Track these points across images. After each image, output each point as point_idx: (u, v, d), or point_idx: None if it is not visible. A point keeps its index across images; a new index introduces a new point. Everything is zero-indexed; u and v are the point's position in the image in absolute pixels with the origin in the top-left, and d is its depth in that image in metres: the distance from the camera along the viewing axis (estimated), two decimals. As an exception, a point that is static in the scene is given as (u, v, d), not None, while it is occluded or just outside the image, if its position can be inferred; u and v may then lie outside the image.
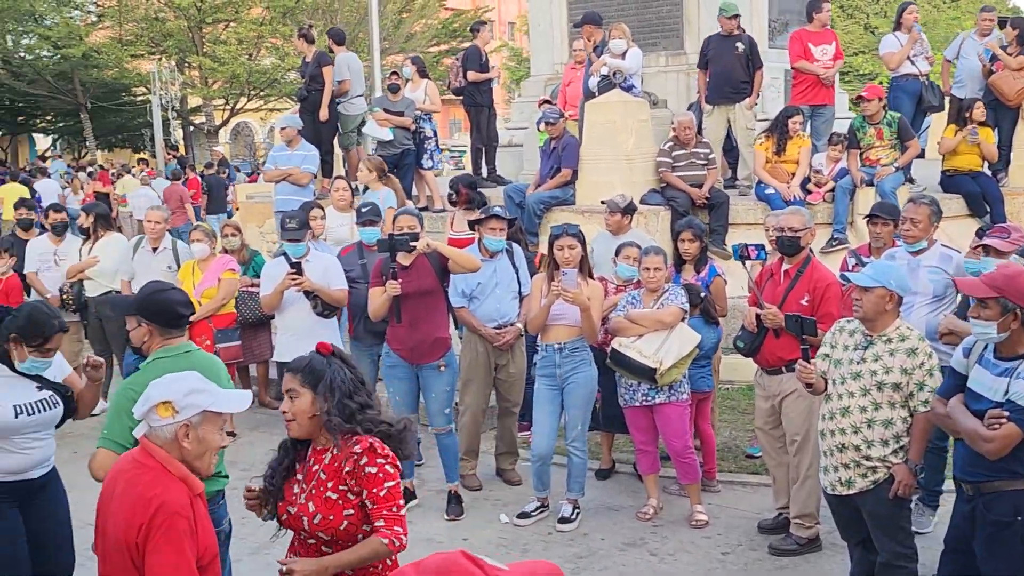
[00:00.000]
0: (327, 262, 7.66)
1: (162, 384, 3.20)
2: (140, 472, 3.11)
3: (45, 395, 4.54)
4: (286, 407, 3.47)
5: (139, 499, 3.05)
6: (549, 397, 6.44)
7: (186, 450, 3.15)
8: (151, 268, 8.63)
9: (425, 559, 1.96)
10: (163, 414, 3.13)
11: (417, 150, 11.43)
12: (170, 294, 4.31)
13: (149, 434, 3.16)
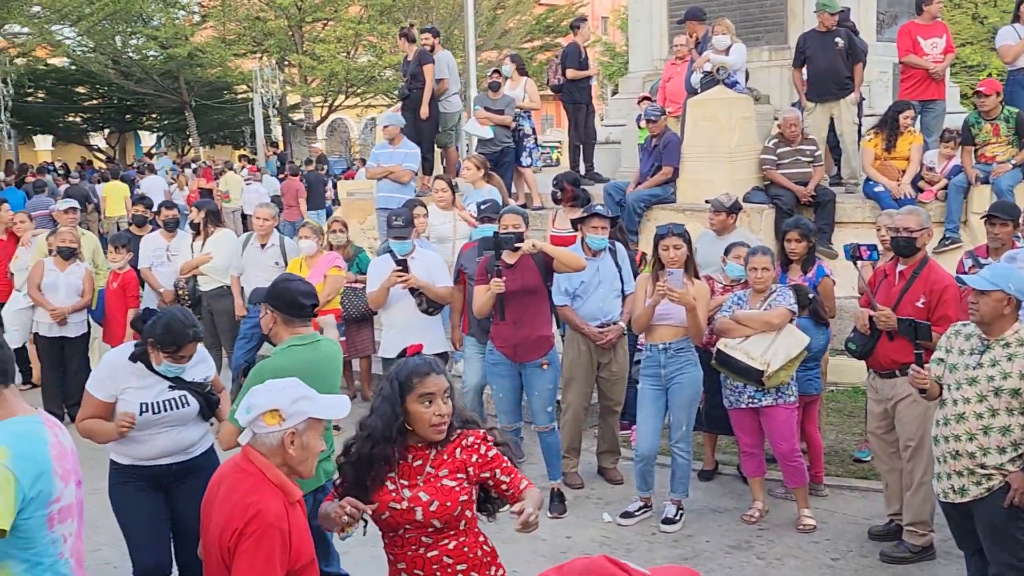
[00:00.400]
0: (432, 259, 7.74)
1: (267, 392, 3.23)
2: (241, 478, 3.17)
3: (176, 394, 4.71)
4: (444, 410, 3.46)
5: (237, 505, 3.11)
6: (653, 397, 6.41)
7: (291, 456, 3.20)
8: (259, 264, 8.86)
9: (568, 563, 1.97)
10: (270, 422, 3.17)
11: (516, 148, 11.47)
12: (295, 284, 4.54)
13: (253, 441, 3.20)
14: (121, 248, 9.33)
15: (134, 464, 4.76)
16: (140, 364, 4.67)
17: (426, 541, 3.47)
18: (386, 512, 3.48)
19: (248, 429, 3.18)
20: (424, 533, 3.48)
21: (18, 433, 3.02)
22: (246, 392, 4.19)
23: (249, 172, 24.60)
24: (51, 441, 3.08)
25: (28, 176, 22.10)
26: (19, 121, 30.53)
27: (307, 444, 3.22)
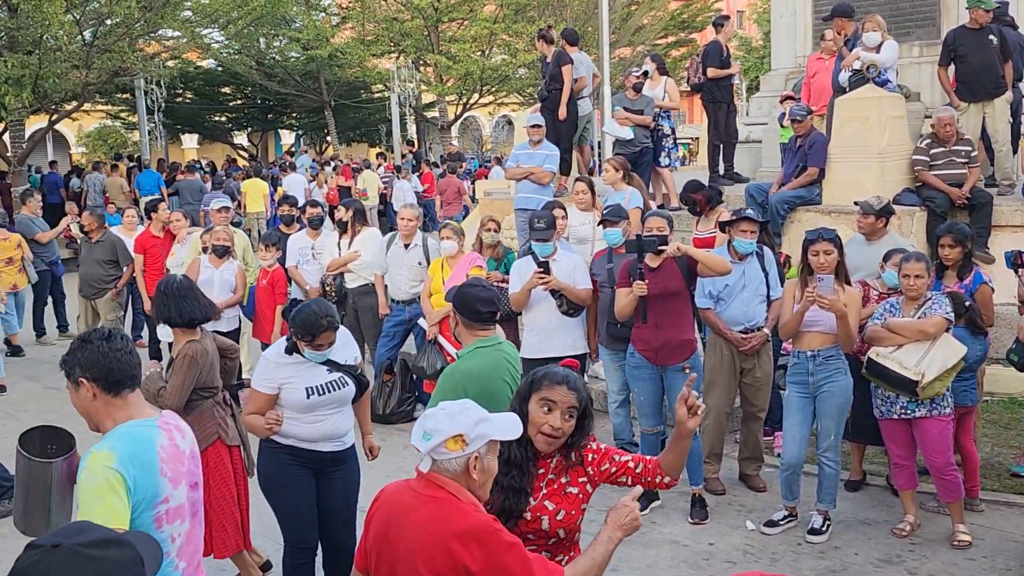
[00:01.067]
0: (574, 261, 7.78)
1: (447, 416, 3.09)
2: (435, 507, 3.01)
3: (335, 376, 5.00)
4: (559, 424, 3.44)
5: (452, 530, 2.95)
6: (800, 405, 6.29)
7: (473, 481, 3.08)
8: (403, 263, 9.05)
9: None
10: (453, 448, 3.04)
11: (655, 148, 11.41)
12: (474, 291, 4.72)
13: (435, 468, 3.06)
14: (271, 246, 9.67)
15: (293, 446, 5.01)
16: (297, 354, 4.93)
17: (545, 555, 3.40)
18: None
19: (427, 457, 3.07)
20: (545, 546, 3.46)
21: (127, 436, 3.23)
22: (436, 396, 4.42)
23: (386, 170, 25.16)
24: (163, 444, 3.28)
25: (178, 174, 23.06)
26: (169, 121, 31.88)
27: (488, 467, 3.12)
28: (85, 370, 3.25)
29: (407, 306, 9.06)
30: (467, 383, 4.45)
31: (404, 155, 27.89)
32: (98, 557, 1.68)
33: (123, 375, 3.29)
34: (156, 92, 26.23)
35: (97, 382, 3.25)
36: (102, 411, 3.28)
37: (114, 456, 3.14)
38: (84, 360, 3.26)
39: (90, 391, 3.25)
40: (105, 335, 3.35)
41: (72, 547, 1.66)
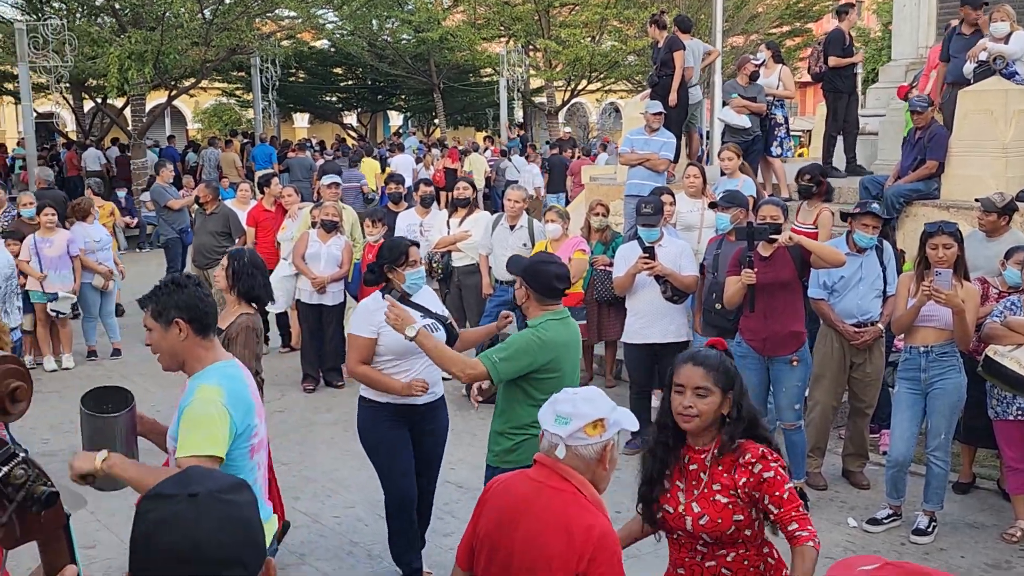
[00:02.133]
0: (680, 247, 7.71)
1: (584, 401, 2.95)
2: (558, 497, 2.89)
3: (428, 321, 5.13)
4: (693, 403, 3.31)
5: (574, 527, 2.83)
6: (910, 402, 6.13)
7: (604, 471, 2.96)
8: (507, 244, 9.08)
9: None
10: (592, 433, 2.91)
11: (766, 137, 11.21)
12: (550, 267, 4.66)
13: (566, 456, 2.92)
14: (377, 222, 9.81)
15: (390, 403, 5.20)
16: (393, 299, 5.02)
17: (701, 550, 3.37)
18: (659, 512, 3.42)
19: (563, 444, 2.93)
20: (698, 542, 3.38)
21: (226, 375, 3.48)
22: (509, 350, 4.43)
23: (492, 154, 25.26)
24: (250, 384, 3.57)
25: (289, 151, 23.53)
26: (282, 100, 32.50)
27: (615, 458, 2.99)
28: (181, 311, 3.44)
29: (510, 286, 9.08)
30: (539, 351, 4.43)
31: (511, 137, 27.97)
32: (236, 502, 1.69)
33: (212, 319, 3.55)
34: (271, 71, 26.76)
35: (191, 323, 3.45)
36: (190, 352, 3.49)
37: (223, 392, 3.39)
38: (181, 302, 3.44)
39: (183, 332, 3.45)
40: (196, 281, 3.55)
41: (211, 494, 1.66)
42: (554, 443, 2.93)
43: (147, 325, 3.52)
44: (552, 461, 2.93)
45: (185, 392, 3.52)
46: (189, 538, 1.62)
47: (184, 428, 3.37)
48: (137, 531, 1.67)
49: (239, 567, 1.65)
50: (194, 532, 1.63)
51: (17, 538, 1.87)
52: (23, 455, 1.86)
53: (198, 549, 1.62)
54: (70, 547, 1.94)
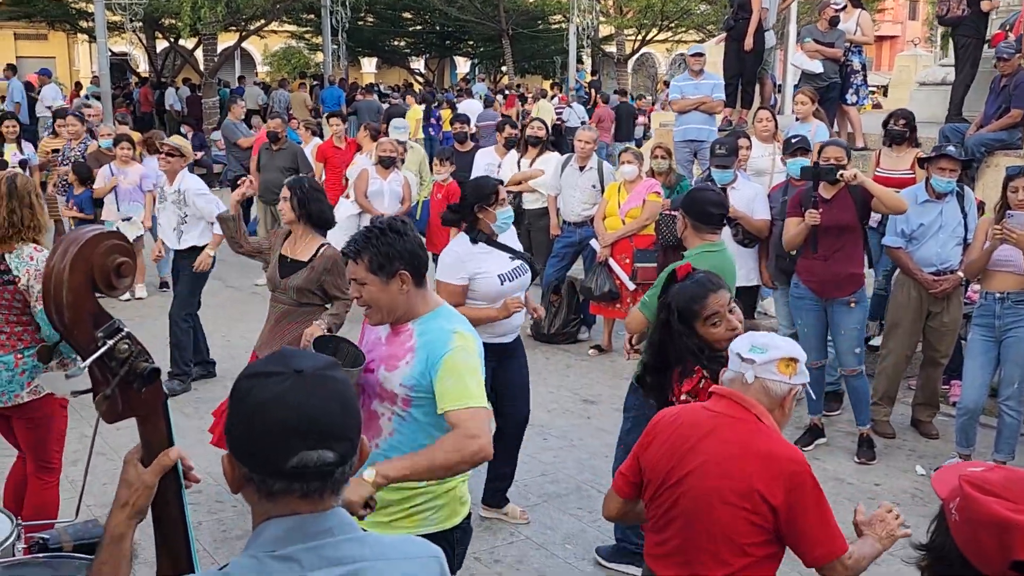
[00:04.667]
0: (754, 190, 7.61)
1: (781, 339, 2.96)
2: (740, 425, 2.86)
3: (517, 263, 5.12)
4: (734, 324, 3.59)
5: (764, 455, 2.78)
6: (984, 349, 6.01)
7: (782, 415, 2.92)
8: (576, 185, 9.03)
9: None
10: (784, 371, 2.86)
11: (842, 84, 10.94)
12: (706, 194, 4.86)
13: (754, 387, 2.89)
14: (445, 161, 9.85)
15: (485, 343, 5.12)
16: (481, 244, 5.02)
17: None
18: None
19: (751, 370, 2.89)
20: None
21: (465, 322, 3.26)
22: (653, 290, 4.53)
23: (560, 101, 25.08)
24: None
25: (357, 94, 23.60)
26: (351, 43, 32.54)
27: (790, 411, 2.96)
28: (405, 262, 3.09)
29: (578, 228, 9.05)
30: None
31: (580, 85, 27.75)
32: (338, 379, 1.70)
33: (427, 267, 3.23)
34: (340, 13, 26.77)
35: (414, 275, 3.12)
36: (409, 303, 3.15)
37: (474, 341, 3.18)
38: (404, 251, 3.09)
39: (406, 283, 3.11)
40: (409, 225, 3.21)
41: (315, 370, 1.67)
42: (742, 371, 2.91)
43: (358, 277, 3.12)
44: (732, 391, 2.91)
45: (415, 336, 3.16)
46: (303, 413, 1.63)
47: (452, 377, 3.05)
48: (241, 411, 1.66)
49: (347, 442, 1.67)
50: (306, 407, 1.63)
51: (119, 413, 1.92)
52: (127, 331, 1.90)
53: (313, 422, 1.63)
54: (167, 428, 1.98)
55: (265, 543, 1.66)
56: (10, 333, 4.53)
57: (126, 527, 1.90)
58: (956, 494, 1.73)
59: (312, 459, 1.62)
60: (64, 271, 1.83)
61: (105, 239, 1.89)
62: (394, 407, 3.17)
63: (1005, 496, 1.68)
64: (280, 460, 1.62)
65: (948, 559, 1.72)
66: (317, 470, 1.64)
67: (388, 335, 3.26)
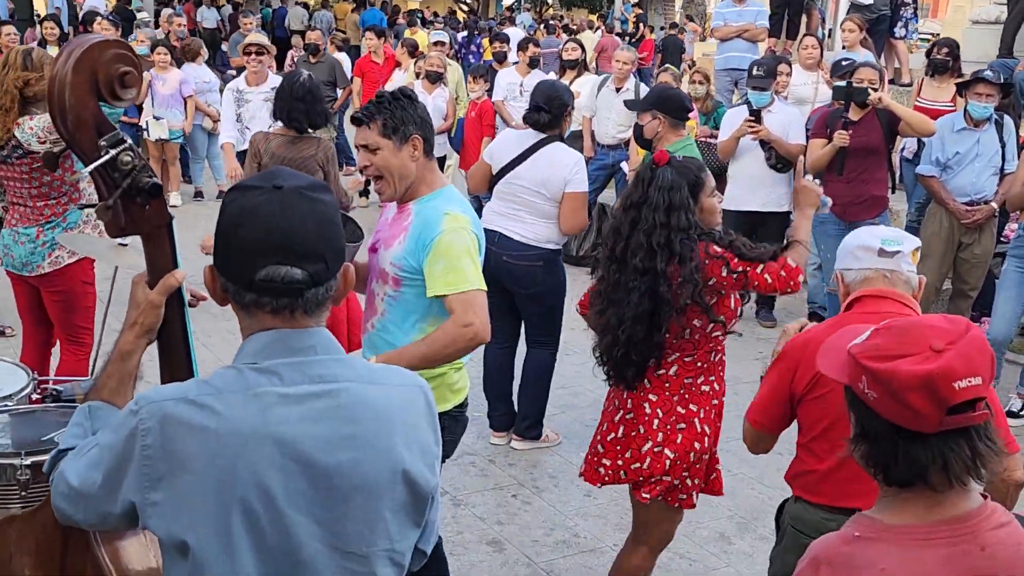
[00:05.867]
0: (790, 115, 7.49)
1: (890, 229, 2.98)
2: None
3: None
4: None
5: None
6: (1017, 280, 5.92)
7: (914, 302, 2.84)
8: (612, 107, 8.92)
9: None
10: (914, 261, 2.86)
11: (892, 16, 10.69)
12: (676, 91, 4.96)
13: (896, 277, 2.81)
14: (479, 78, 9.78)
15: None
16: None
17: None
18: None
19: (900, 262, 2.81)
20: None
21: (465, 203, 3.22)
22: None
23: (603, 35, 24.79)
24: None
25: (399, 18, 23.46)
26: (397, -32, 32.27)
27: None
28: (419, 128, 3.07)
29: (612, 151, 8.97)
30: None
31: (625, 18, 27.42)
32: (321, 200, 1.70)
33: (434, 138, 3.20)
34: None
35: (425, 142, 3.10)
36: (418, 173, 3.12)
37: (469, 221, 3.13)
38: (416, 117, 3.07)
39: (417, 149, 3.08)
40: (416, 95, 3.17)
41: (296, 189, 1.67)
42: (886, 266, 2.80)
43: (369, 144, 3.06)
44: (888, 290, 2.79)
45: (412, 215, 3.14)
46: (273, 227, 1.63)
47: (443, 260, 3.01)
48: (222, 222, 1.68)
49: (319, 263, 1.67)
50: (279, 221, 1.63)
51: (121, 227, 1.94)
52: (130, 143, 1.91)
53: (283, 237, 1.63)
54: (172, 250, 2.00)
55: (247, 355, 1.69)
56: (32, 207, 4.63)
57: (134, 345, 1.94)
58: (859, 373, 1.67)
59: (279, 274, 1.63)
60: (67, 74, 1.84)
61: (111, 46, 1.89)
62: (386, 287, 3.18)
63: (906, 352, 1.63)
64: (250, 271, 1.64)
65: (881, 437, 1.68)
66: (285, 286, 1.64)
67: (394, 216, 3.25)
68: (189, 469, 1.59)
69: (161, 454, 1.60)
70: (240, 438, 1.60)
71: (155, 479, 1.60)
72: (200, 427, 1.60)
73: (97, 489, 1.66)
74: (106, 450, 1.66)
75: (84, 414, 1.88)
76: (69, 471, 1.71)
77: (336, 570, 1.67)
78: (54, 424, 2.81)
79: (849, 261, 2.86)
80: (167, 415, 1.60)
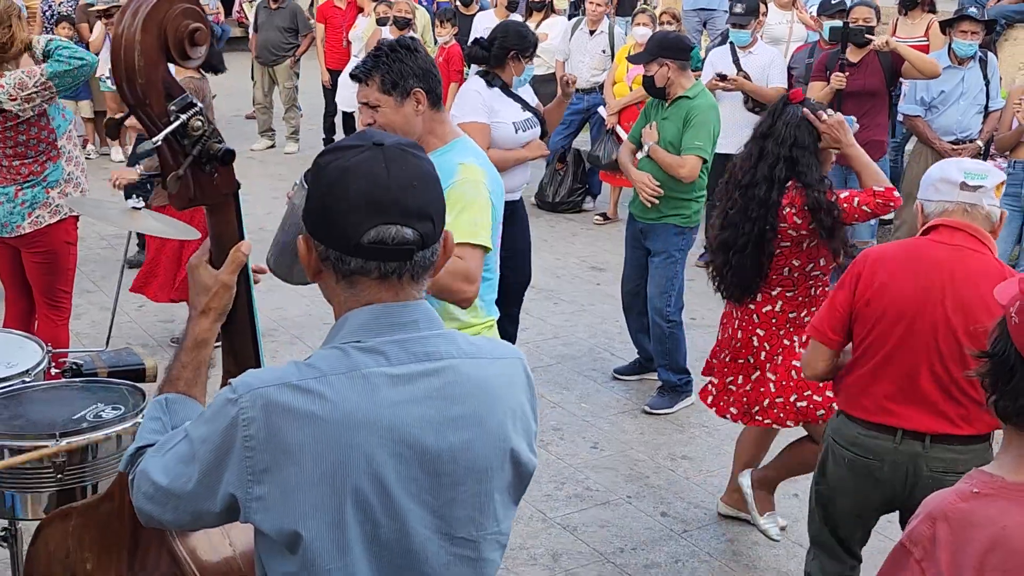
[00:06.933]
0: (770, 56, 7.39)
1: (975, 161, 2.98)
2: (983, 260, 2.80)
3: (528, 114, 4.95)
4: None
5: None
6: (1008, 218, 5.92)
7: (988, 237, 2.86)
8: (586, 50, 8.77)
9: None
10: (997, 196, 2.83)
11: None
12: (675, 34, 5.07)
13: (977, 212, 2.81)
14: (446, 23, 9.57)
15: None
16: (497, 89, 4.84)
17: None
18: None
19: (983, 196, 2.80)
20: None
21: (482, 155, 3.08)
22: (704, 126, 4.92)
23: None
24: None
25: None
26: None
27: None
28: (419, 80, 2.92)
29: (586, 95, 8.82)
30: (716, 116, 4.99)
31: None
32: (422, 157, 1.60)
33: (441, 87, 3.05)
34: None
35: (429, 94, 2.94)
36: (426, 126, 2.99)
37: (485, 173, 2.99)
38: (417, 68, 2.92)
39: (421, 103, 2.94)
40: (418, 42, 3.03)
41: (397, 145, 1.56)
42: (964, 200, 2.79)
43: (370, 101, 2.94)
44: (965, 223, 2.80)
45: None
46: (381, 184, 1.51)
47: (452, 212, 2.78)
48: (319, 183, 1.56)
49: (428, 222, 1.56)
50: (386, 179, 1.52)
51: (190, 198, 1.79)
52: (200, 106, 1.77)
53: (391, 195, 1.52)
54: (239, 219, 1.87)
55: (349, 333, 1.57)
56: (8, 166, 4.42)
57: (210, 332, 1.81)
58: (1016, 298, 1.65)
59: (390, 234, 1.51)
60: (135, 33, 1.68)
61: (178, 1, 1.73)
62: None
63: None
64: (356, 233, 1.51)
65: (1008, 363, 1.65)
66: (396, 248, 1.53)
67: None
68: (297, 459, 1.48)
69: (265, 445, 1.49)
70: (350, 424, 1.50)
71: (260, 471, 1.49)
72: (307, 414, 1.49)
73: (193, 486, 1.54)
74: (200, 443, 1.54)
75: (161, 407, 1.75)
76: (154, 469, 1.59)
77: (446, 558, 1.59)
78: (82, 400, 2.67)
79: (930, 192, 2.87)
80: (270, 402, 1.49)
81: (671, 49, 4.93)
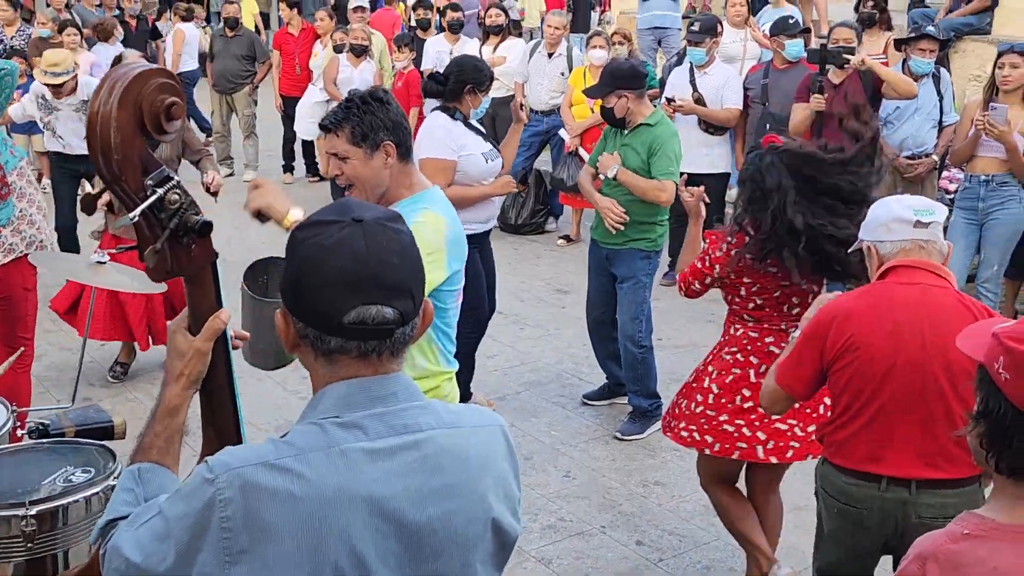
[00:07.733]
0: (725, 76, 7.46)
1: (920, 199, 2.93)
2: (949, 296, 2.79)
3: (490, 145, 5.03)
4: None
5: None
6: (966, 231, 6.03)
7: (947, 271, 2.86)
8: (545, 72, 8.81)
9: None
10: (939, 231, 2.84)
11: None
12: (628, 62, 5.08)
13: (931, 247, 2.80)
14: (404, 48, 9.58)
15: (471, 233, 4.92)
16: (460, 123, 4.89)
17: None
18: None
19: (933, 232, 2.81)
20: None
21: (447, 205, 3.03)
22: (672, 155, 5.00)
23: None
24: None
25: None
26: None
27: None
28: (390, 132, 2.86)
29: (545, 117, 8.87)
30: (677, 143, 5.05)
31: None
32: (401, 231, 1.59)
33: (411, 139, 3.01)
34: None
35: (399, 147, 2.89)
36: (395, 179, 2.94)
37: (446, 223, 2.94)
38: (388, 121, 2.86)
39: (391, 156, 2.89)
40: (390, 94, 2.97)
41: (376, 220, 1.56)
42: (919, 238, 2.78)
43: (338, 152, 2.89)
44: (923, 261, 2.78)
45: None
46: (361, 262, 1.51)
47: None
48: (296, 260, 1.55)
49: (408, 299, 1.56)
50: (365, 256, 1.51)
51: (168, 270, 1.78)
52: (177, 179, 1.75)
53: (372, 274, 1.51)
54: (216, 289, 1.85)
55: (327, 409, 1.56)
56: None
57: (181, 398, 1.80)
58: (997, 353, 1.65)
59: (370, 314, 1.51)
60: (111, 110, 1.66)
61: (154, 76, 1.72)
62: None
63: None
64: (337, 314, 1.51)
65: (1005, 421, 1.65)
66: (376, 328, 1.52)
67: None
68: (275, 539, 1.47)
69: (243, 525, 1.47)
70: (328, 502, 1.49)
71: (236, 552, 1.48)
72: (285, 494, 1.48)
73: (167, 566, 1.52)
74: (175, 521, 1.52)
75: (133, 478, 1.74)
76: (126, 545, 1.56)
77: None
78: (50, 464, 2.62)
79: (882, 233, 2.83)
80: (248, 483, 1.48)
81: (626, 79, 4.94)
